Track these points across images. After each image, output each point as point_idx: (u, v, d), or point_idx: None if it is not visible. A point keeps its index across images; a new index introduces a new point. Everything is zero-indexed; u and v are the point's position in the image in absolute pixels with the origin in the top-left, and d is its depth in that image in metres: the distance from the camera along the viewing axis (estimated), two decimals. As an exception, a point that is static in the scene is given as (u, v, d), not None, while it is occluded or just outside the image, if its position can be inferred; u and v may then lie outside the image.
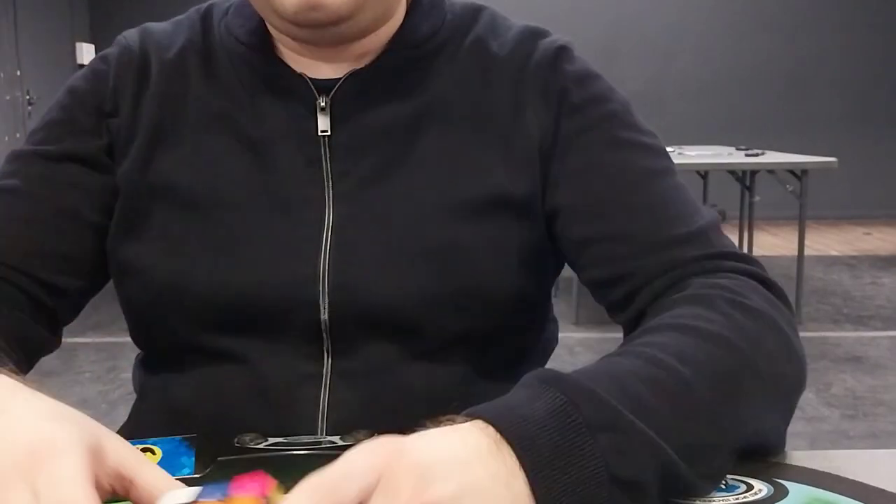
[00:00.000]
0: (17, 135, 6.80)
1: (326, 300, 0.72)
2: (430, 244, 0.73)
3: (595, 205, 0.73)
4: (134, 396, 0.85)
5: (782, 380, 0.62)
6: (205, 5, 0.83)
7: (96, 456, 0.46)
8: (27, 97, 7.08)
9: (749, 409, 0.58)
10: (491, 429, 0.46)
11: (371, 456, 0.44)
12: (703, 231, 0.71)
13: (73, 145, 0.77)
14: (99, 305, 0.79)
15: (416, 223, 0.73)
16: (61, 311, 0.77)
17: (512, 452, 0.45)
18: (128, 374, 0.83)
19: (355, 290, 0.72)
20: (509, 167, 0.75)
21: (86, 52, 7.66)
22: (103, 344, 3.69)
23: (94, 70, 0.80)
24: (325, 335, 0.73)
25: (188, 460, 0.61)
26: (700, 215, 0.73)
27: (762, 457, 0.61)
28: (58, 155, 0.76)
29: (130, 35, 0.82)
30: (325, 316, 0.72)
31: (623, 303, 0.72)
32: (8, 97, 6.87)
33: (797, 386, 0.64)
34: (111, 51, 0.81)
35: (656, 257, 0.70)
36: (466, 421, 0.48)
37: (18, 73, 6.98)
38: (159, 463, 0.60)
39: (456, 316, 0.74)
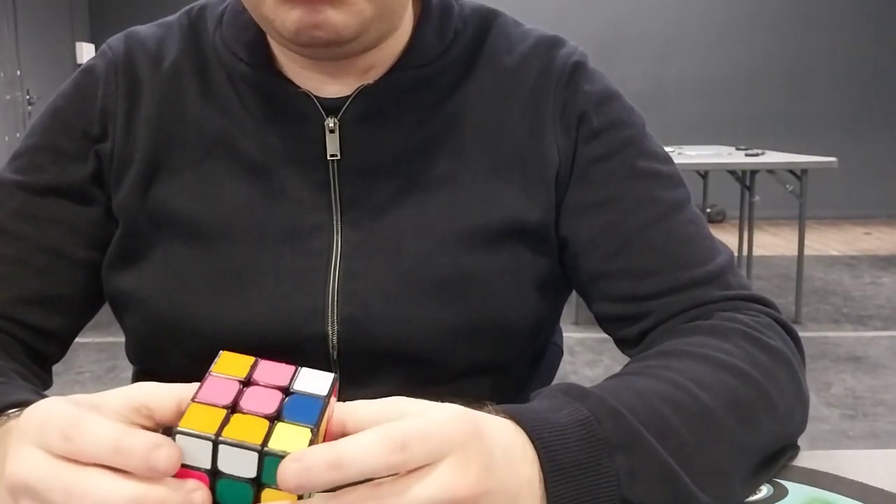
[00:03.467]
0: (17, 134, 6.80)
1: (335, 333, 0.70)
2: (443, 274, 0.70)
3: (612, 239, 0.71)
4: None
5: (790, 415, 0.62)
6: (196, 6, 0.78)
7: (91, 406, 0.42)
8: (27, 97, 7.07)
9: (762, 439, 0.58)
10: (519, 428, 0.46)
11: (455, 426, 0.41)
12: (721, 271, 0.71)
13: (56, 176, 0.72)
14: (99, 305, 0.79)
15: (428, 252, 0.71)
16: (51, 352, 0.75)
17: (534, 453, 0.46)
18: (127, 374, 0.83)
19: (365, 323, 0.70)
20: (525, 192, 0.72)
21: (86, 52, 7.65)
22: (103, 344, 3.69)
23: (79, 87, 0.75)
24: (333, 365, 0.71)
25: None
26: (717, 252, 0.72)
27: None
28: (41, 188, 0.72)
29: (116, 45, 0.76)
30: (333, 350, 0.70)
31: (636, 339, 0.72)
32: (8, 97, 6.86)
33: (801, 425, 0.64)
34: (97, 63, 0.75)
35: (674, 298, 0.69)
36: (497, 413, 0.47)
37: (18, 73, 6.97)
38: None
39: (469, 347, 0.72)
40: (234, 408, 0.40)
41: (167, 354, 0.73)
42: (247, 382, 0.42)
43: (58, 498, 0.38)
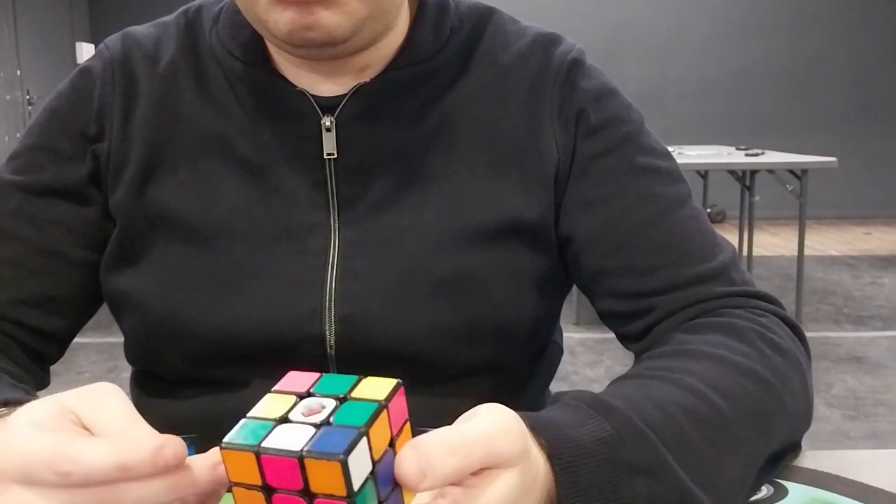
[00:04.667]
0: (17, 134, 6.80)
1: (332, 333, 0.70)
2: (441, 273, 0.70)
3: (613, 236, 0.71)
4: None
5: (799, 418, 0.62)
6: (193, 6, 0.77)
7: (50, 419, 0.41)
8: (27, 97, 7.08)
9: (774, 444, 0.58)
10: (536, 439, 0.46)
11: (513, 441, 0.41)
12: (724, 267, 0.71)
13: (54, 176, 0.72)
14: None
15: (426, 251, 0.70)
16: (50, 353, 0.75)
17: (551, 469, 0.45)
18: (127, 374, 0.83)
19: (362, 322, 0.69)
20: (523, 189, 0.72)
21: (86, 52, 7.65)
22: (103, 344, 3.69)
23: (76, 87, 0.74)
24: (331, 366, 0.71)
25: None
26: (719, 248, 0.72)
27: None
28: (39, 189, 0.72)
29: (113, 45, 0.76)
30: (331, 350, 0.70)
31: (640, 334, 0.71)
32: (8, 97, 6.87)
33: (806, 425, 0.64)
34: (94, 63, 0.75)
35: (677, 294, 0.69)
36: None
37: (18, 73, 6.98)
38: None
39: (468, 347, 0.72)
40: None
41: (165, 355, 0.73)
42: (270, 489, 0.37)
43: None
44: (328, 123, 0.70)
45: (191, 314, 0.70)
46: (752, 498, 0.56)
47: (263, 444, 0.36)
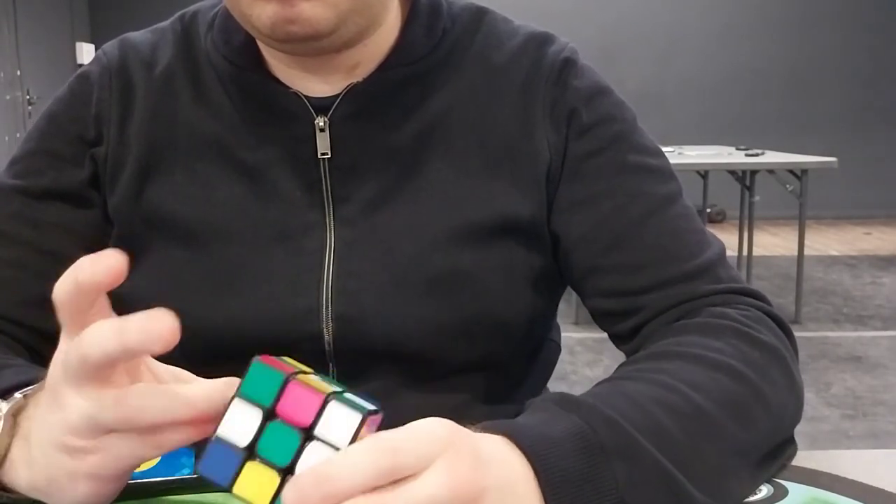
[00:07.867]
0: (18, 134, 6.81)
1: (330, 332, 0.70)
2: (436, 272, 0.71)
3: (603, 235, 0.72)
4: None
5: (785, 410, 0.62)
6: (189, 11, 0.79)
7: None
8: (27, 97, 7.08)
9: (758, 437, 0.58)
10: (514, 444, 0.46)
11: (439, 427, 0.41)
12: (712, 264, 0.71)
13: (54, 180, 0.73)
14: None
15: (421, 250, 0.71)
16: (50, 354, 0.75)
17: (530, 467, 0.45)
18: (127, 374, 0.83)
19: (359, 320, 0.70)
20: (516, 188, 0.73)
21: (86, 52, 7.66)
22: (103, 344, 3.69)
23: (75, 92, 0.76)
24: (328, 363, 0.72)
25: (188, 460, 0.61)
26: (707, 245, 0.72)
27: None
28: (39, 192, 0.73)
29: (110, 51, 0.77)
30: (329, 348, 0.71)
31: (630, 334, 0.72)
32: (8, 97, 6.87)
33: (796, 418, 0.64)
34: (92, 69, 0.76)
35: (664, 293, 0.70)
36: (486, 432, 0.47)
37: (18, 73, 6.98)
38: (158, 463, 0.60)
39: (463, 344, 0.72)
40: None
41: (165, 356, 0.73)
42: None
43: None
44: (321, 123, 0.71)
45: (189, 315, 0.70)
46: (752, 498, 0.56)
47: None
